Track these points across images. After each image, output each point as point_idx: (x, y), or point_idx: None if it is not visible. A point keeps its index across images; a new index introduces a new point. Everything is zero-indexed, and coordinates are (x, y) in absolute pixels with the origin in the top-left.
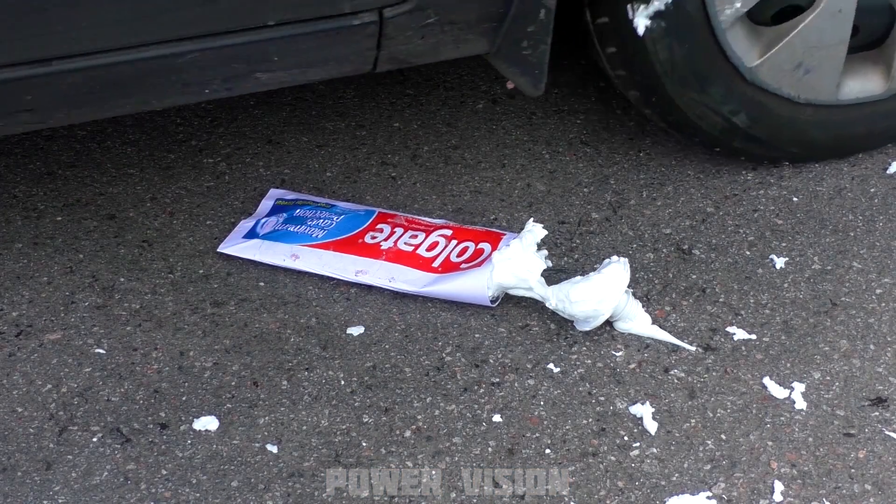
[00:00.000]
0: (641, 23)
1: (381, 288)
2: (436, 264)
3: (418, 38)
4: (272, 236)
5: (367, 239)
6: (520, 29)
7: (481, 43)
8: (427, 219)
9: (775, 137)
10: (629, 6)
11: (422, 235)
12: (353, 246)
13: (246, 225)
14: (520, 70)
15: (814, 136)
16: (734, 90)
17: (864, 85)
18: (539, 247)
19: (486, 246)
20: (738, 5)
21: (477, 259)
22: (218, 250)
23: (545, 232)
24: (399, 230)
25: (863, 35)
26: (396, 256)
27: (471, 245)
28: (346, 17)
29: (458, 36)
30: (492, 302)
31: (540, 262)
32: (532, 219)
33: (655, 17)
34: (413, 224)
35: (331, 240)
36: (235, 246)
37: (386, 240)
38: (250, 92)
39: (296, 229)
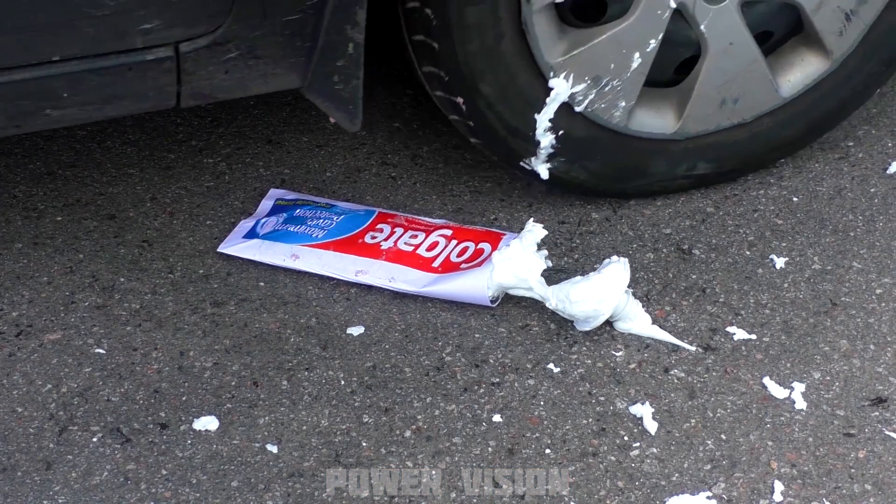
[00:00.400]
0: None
1: (381, 288)
2: (436, 264)
3: (222, 73)
4: (272, 236)
5: (367, 239)
6: (329, 63)
7: (291, 78)
8: (427, 219)
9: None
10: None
11: (422, 235)
12: (353, 246)
13: (246, 225)
14: (334, 105)
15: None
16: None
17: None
18: (539, 247)
19: (486, 246)
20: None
21: (477, 259)
22: (218, 250)
23: (545, 232)
24: (399, 230)
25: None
26: (396, 256)
27: (471, 245)
28: (139, 52)
29: (265, 71)
30: (492, 302)
31: (540, 262)
32: (532, 219)
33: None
34: (413, 224)
35: (331, 240)
36: (235, 246)
37: (386, 240)
38: (45, 128)
39: (296, 229)
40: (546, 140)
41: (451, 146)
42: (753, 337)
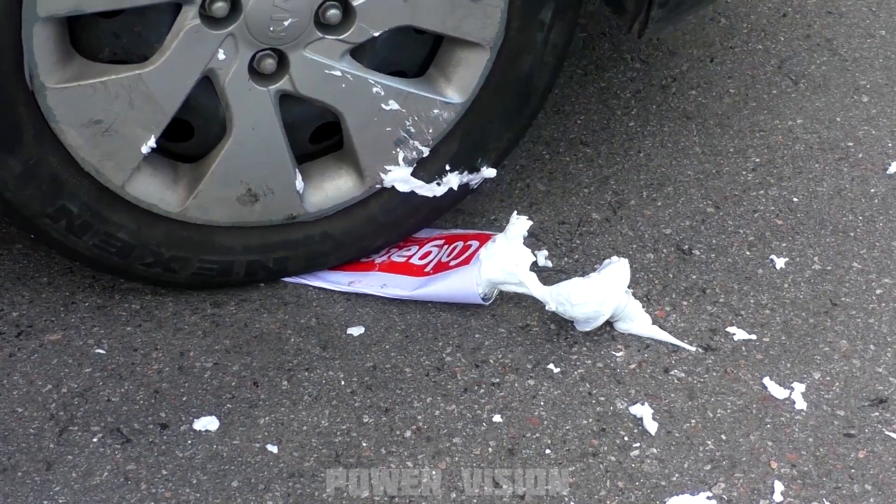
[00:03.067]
0: None
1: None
2: (428, 269)
3: None
4: None
5: (361, 258)
6: None
7: None
8: (421, 234)
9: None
10: None
11: (415, 248)
12: (347, 264)
13: None
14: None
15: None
16: None
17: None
18: (539, 247)
19: (474, 242)
20: None
21: (465, 254)
22: None
23: (530, 223)
24: (394, 249)
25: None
26: (389, 267)
27: (459, 243)
28: None
29: None
30: (484, 300)
31: (528, 254)
32: (516, 212)
33: None
34: (407, 241)
35: None
36: None
37: (380, 256)
38: None
39: None
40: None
41: None
42: (753, 337)
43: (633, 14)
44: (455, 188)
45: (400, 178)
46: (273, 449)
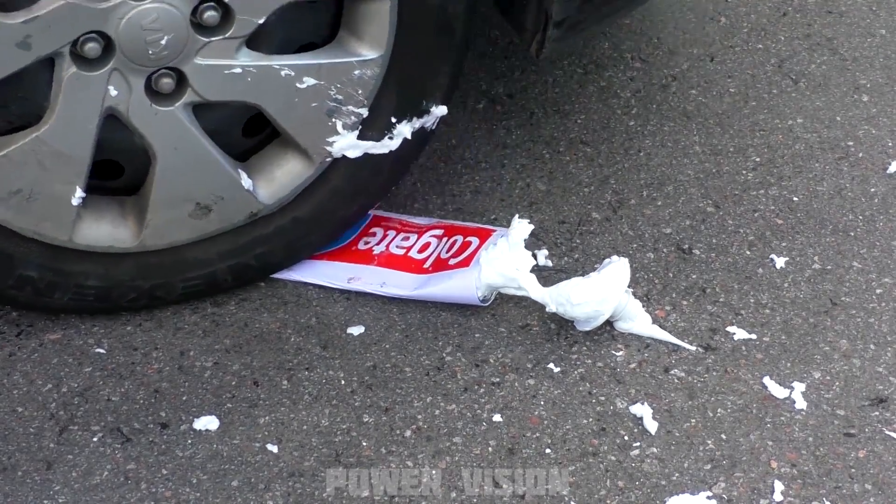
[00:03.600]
0: None
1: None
2: (427, 265)
3: None
4: None
5: (360, 245)
6: None
7: None
8: (420, 220)
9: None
10: None
11: (414, 237)
12: (345, 254)
13: None
14: None
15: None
16: None
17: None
18: (539, 247)
19: (473, 239)
20: None
21: (464, 253)
22: None
23: (531, 227)
24: (392, 233)
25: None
26: (388, 260)
27: (459, 238)
28: None
29: None
30: (483, 302)
31: (528, 258)
32: (517, 215)
33: None
34: (406, 227)
35: (324, 251)
36: None
37: (378, 243)
38: None
39: None
40: None
41: (450, 146)
42: (753, 337)
43: (532, 33)
44: (409, 137)
45: (347, 145)
46: (273, 448)
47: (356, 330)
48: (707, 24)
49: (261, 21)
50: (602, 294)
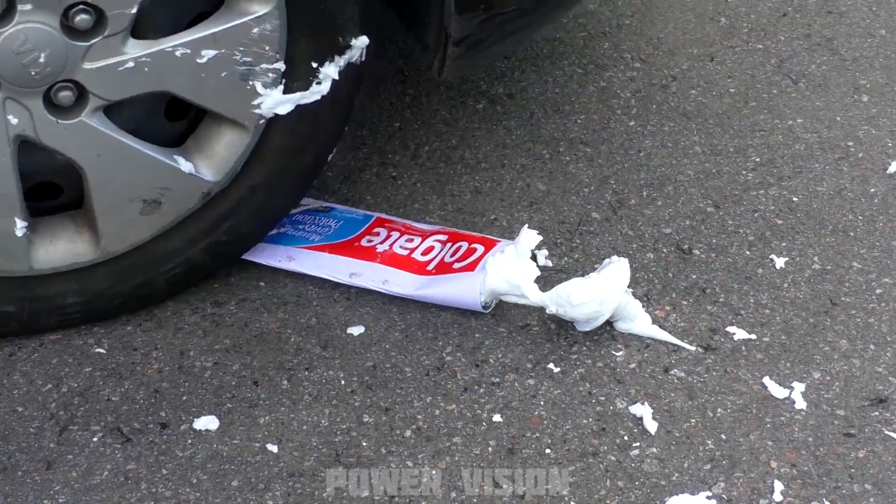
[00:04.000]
0: None
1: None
2: (430, 267)
3: None
4: (270, 239)
5: (364, 242)
6: None
7: None
8: (424, 225)
9: None
10: None
11: (418, 240)
12: (348, 249)
13: None
14: None
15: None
16: None
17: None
18: (539, 247)
19: (479, 247)
20: None
21: (468, 259)
22: None
23: (539, 238)
24: (395, 234)
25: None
26: (391, 259)
27: (464, 244)
28: None
29: None
30: (484, 308)
31: (534, 268)
32: (527, 225)
33: None
34: (409, 230)
35: (327, 243)
36: None
37: (382, 243)
38: None
39: (294, 233)
40: None
41: (450, 146)
42: (753, 337)
43: (434, 51)
44: (337, 77)
45: (274, 103)
46: (273, 448)
47: (356, 330)
48: (707, 24)
49: (133, 11)
50: (602, 294)
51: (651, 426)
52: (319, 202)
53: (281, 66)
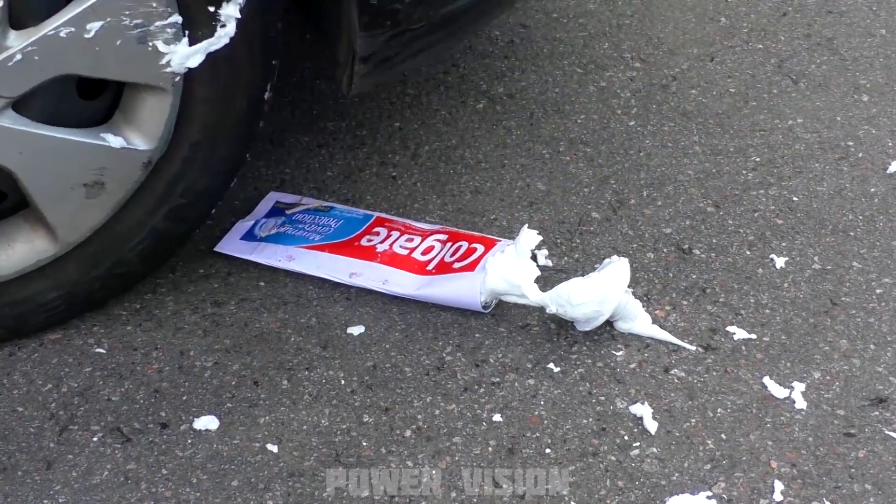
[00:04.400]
0: None
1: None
2: (430, 267)
3: None
4: (270, 239)
5: (364, 242)
6: None
7: None
8: (424, 225)
9: None
10: None
11: (418, 239)
12: (348, 248)
13: (243, 226)
14: None
15: None
16: None
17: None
18: (539, 247)
19: (479, 246)
20: None
21: (468, 258)
22: (215, 250)
23: (540, 238)
24: (395, 233)
25: None
26: (391, 259)
27: (464, 244)
28: None
29: None
30: (484, 308)
31: (534, 268)
32: (527, 225)
33: None
34: (410, 229)
35: (327, 242)
36: (232, 246)
37: (382, 242)
38: None
39: (294, 232)
40: None
41: (451, 146)
42: (753, 337)
43: (343, 67)
44: (241, 15)
45: (183, 57)
46: (273, 448)
47: (356, 330)
48: (707, 24)
49: (1, 3)
50: (602, 294)
51: (651, 426)
52: (319, 201)
53: (177, 18)
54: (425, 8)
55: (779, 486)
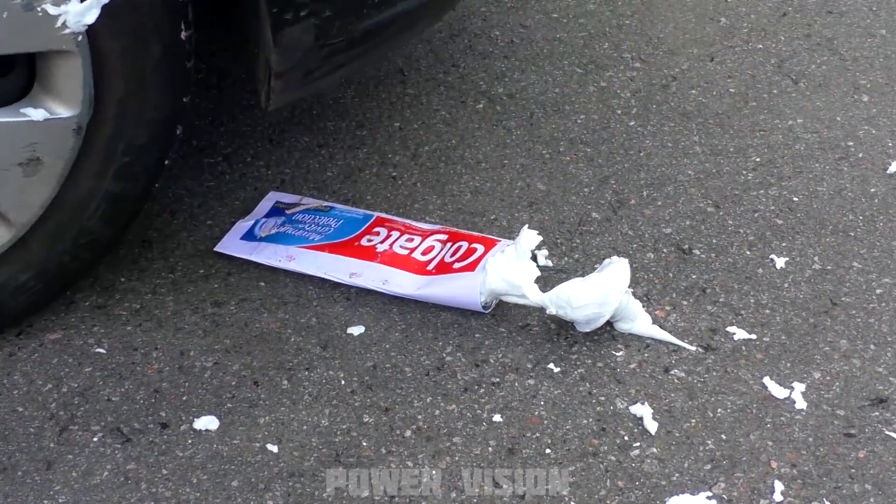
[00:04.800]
0: None
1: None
2: (430, 267)
3: None
4: (270, 238)
5: (364, 242)
6: None
7: None
8: (424, 225)
9: None
10: None
11: (418, 239)
12: (348, 248)
13: (243, 225)
14: None
15: None
16: None
17: None
18: (539, 247)
19: (479, 246)
20: None
21: (468, 259)
22: (215, 250)
23: (540, 238)
24: (395, 233)
25: None
26: (391, 259)
27: (464, 244)
28: None
29: None
30: (484, 308)
31: (534, 268)
32: (527, 225)
33: None
34: (410, 229)
35: (327, 242)
36: (232, 246)
37: (382, 242)
38: None
39: (294, 232)
40: None
41: (451, 146)
42: (753, 337)
43: (262, 82)
44: None
45: (77, 15)
46: (273, 448)
47: (356, 330)
48: (707, 24)
49: None
50: (602, 296)
51: (651, 426)
52: (319, 201)
53: None
54: (343, 23)
55: (779, 486)
